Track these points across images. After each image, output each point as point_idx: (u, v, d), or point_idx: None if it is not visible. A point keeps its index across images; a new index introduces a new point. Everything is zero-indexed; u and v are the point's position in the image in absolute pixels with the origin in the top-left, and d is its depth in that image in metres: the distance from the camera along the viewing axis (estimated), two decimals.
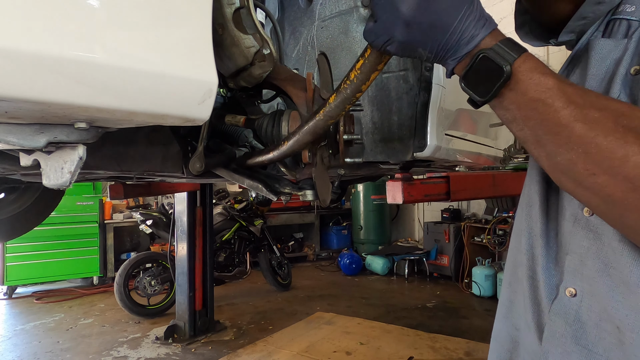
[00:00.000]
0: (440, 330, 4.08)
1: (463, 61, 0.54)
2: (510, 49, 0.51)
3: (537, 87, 0.49)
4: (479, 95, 0.53)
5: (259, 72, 0.88)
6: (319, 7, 1.39)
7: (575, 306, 0.59)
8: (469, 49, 0.53)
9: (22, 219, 2.23)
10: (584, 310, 0.58)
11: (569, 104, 0.48)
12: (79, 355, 3.59)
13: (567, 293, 0.60)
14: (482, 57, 0.52)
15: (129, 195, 2.71)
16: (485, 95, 0.53)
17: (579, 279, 0.59)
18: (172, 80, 0.56)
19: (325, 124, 0.77)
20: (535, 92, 0.49)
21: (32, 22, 0.43)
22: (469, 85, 0.54)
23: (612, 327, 0.55)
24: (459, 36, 0.53)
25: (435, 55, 0.55)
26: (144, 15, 0.52)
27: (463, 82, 0.54)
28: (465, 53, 0.53)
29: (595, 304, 0.57)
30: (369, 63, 0.64)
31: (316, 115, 0.76)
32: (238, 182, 1.08)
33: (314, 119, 0.77)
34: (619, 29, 0.61)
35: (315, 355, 3.54)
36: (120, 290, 4.22)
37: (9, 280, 5.17)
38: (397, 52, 0.58)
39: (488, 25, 0.53)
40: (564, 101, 0.48)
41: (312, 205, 7.26)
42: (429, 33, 0.53)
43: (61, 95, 0.46)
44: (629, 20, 0.60)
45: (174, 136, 1.06)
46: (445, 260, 5.93)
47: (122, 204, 6.25)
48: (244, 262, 5.12)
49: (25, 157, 0.58)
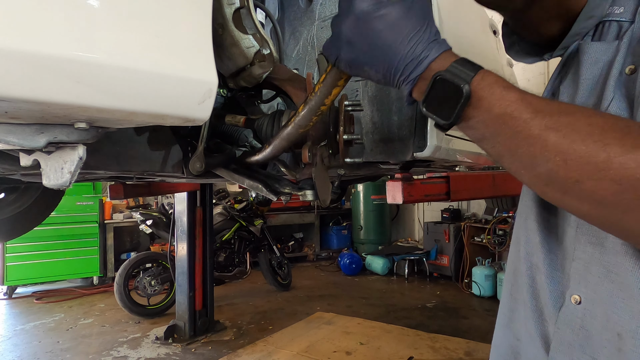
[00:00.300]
0: (440, 330, 4.08)
1: (418, 85, 0.53)
2: (466, 68, 0.50)
3: (500, 101, 0.48)
4: (443, 118, 0.52)
5: (259, 72, 0.88)
6: (319, 7, 1.39)
7: (580, 314, 0.58)
8: (420, 71, 0.52)
9: (22, 219, 2.23)
10: (588, 318, 0.57)
11: (537, 113, 0.46)
12: (79, 355, 3.59)
13: (572, 300, 0.59)
14: (439, 80, 0.51)
15: (129, 195, 2.70)
16: (449, 118, 0.51)
17: (584, 286, 0.58)
18: (172, 80, 0.56)
19: (297, 132, 0.82)
20: (500, 106, 0.48)
21: (32, 22, 0.43)
22: (430, 110, 0.52)
23: (613, 335, 0.54)
24: (406, 58, 0.52)
25: (384, 76, 0.55)
26: (143, 15, 0.53)
27: (424, 108, 0.53)
28: (417, 76, 0.53)
29: (598, 311, 0.56)
30: (330, 78, 0.67)
31: (289, 124, 0.81)
32: (238, 182, 1.08)
33: (287, 127, 0.83)
34: (609, 30, 0.60)
35: (315, 355, 3.54)
36: (120, 290, 4.22)
37: (9, 280, 5.17)
38: (346, 69, 0.59)
39: (438, 47, 0.52)
40: (531, 111, 0.47)
41: (312, 205, 7.26)
42: (370, 53, 0.53)
43: (61, 95, 0.46)
44: (618, 21, 0.59)
45: (174, 136, 1.06)
46: (445, 260, 5.93)
47: (122, 204, 6.24)
48: (244, 262, 5.12)
49: (25, 157, 0.58)
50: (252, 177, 1.08)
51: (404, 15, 0.52)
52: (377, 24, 0.52)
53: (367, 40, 0.53)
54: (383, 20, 0.52)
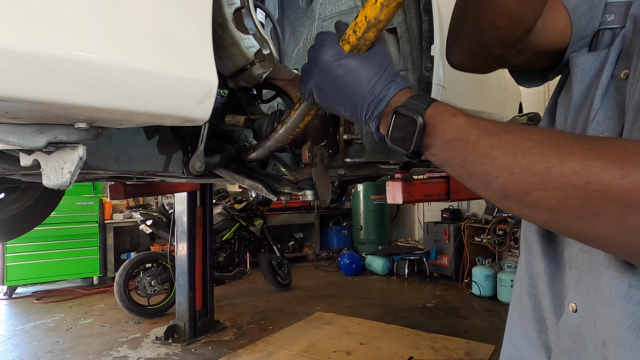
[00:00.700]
0: (440, 330, 4.08)
1: (382, 121, 0.58)
2: (419, 102, 0.55)
3: (451, 127, 0.52)
4: (405, 149, 0.56)
5: (259, 72, 0.88)
6: (319, 7, 1.39)
7: (576, 321, 0.59)
8: (381, 108, 0.58)
9: (22, 219, 2.23)
10: (583, 325, 0.58)
11: (483, 135, 0.50)
12: (79, 355, 3.59)
13: (570, 308, 0.60)
14: (396, 114, 0.56)
15: (129, 195, 2.71)
16: (409, 148, 0.55)
17: (578, 294, 0.59)
18: (172, 80, 0.56)
19: (276, 146, 0.91)
20: (451, 132, 0.52)
21: (31, 22, 0.43)
22: (394, 141, 0.57)
23: (599, 342, 0.54)
24: (367, 98, 0.58)
25: (352, 114, 0.61)
26: (143, 15, 0.53)
27: (389, 141, 0.57)
28: (379, 113, 0.58)
29: (589, 318, 0.57)
30: (304, 108, 0.74)
31: (270, 137, 0.90)
32: (238, 182, 1.09)
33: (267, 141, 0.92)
34: (602, 38, 0.63)
35: (315, 355, 3.54)
36: (120, 290, 4.22)
37: (9, 280, 5.17)
38: (320, 106, 0.65)
39: (396, 86, 0.58)
40: (477, 134, 0.50)
41: (312, 205, 7.26)
42: (337, 96, 0.60)
43: (61, 95, 0.46)
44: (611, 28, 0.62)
45: (174, 136, 1.06)
46: (445, 260, 5.93)
47: (122, 204, 6.24)
48: (244, 262, 5.12)
49: (25, 157, 0.58)
50: (252, 177, 1.08)
51: (362, 63, 0.59)
52: (339, 71, 0.59)
53: (333, 86, 0.60)
54: (343, 68, 0.59)
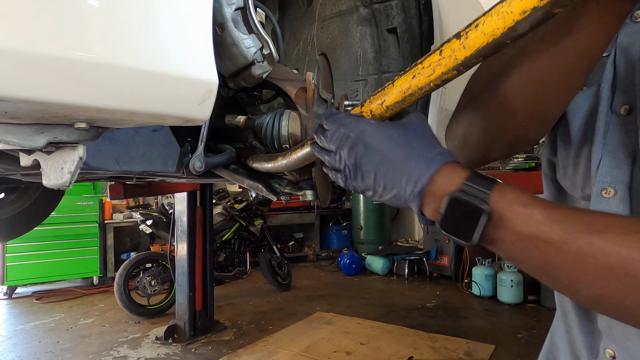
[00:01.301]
0: (440, 330, 4.08)
1: (427, 202, 0.51)
2: (479, 185, 0.47)
3: (525, 222, 0.45)
4: (464, 239, 0.48)
5: (259, 72, 0.88)
6: (319, 7, 1.39)
7: None
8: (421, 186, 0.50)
9: (22, 219, 2.23)
10: None
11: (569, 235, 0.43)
12: (79, 355, 3.59)
13: (607, 354, 0.59)
14: (453, 200, 0.48)
15: (129, 195, 2.71)
16: (469, 238, 0.47)
17: (613, 342, 0.59)
18: (172, 80, 0.56)
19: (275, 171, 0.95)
20: (526, 228, 0.45)
21: (32, 22, 0.43)
22: (449, 231, 0.49)
23: None
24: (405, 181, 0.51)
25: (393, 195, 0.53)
26: (144, 15, 0.53)
27: (442, 229, 0.50)
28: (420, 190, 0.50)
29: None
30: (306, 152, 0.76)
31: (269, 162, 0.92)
32: (238, 182, 1.09)
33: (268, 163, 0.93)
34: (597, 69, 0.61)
35: (315, 355, 3.54)
36: (120, 290, 4.22)
37: (9, 280, 5.17)
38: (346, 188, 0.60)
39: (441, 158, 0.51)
40: (559, 235, 0.43)
41: (312, 205, 7.26)
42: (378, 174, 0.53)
43: (61, 95, 0.46)
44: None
45: (174, 136, 1.06)
46: (445, 260, 5.93)
47: (122, 204, 6.24)
48: (244, 262, 5.12)
49: (25, 157, 0.58)
50: (252, 177, 1.08)
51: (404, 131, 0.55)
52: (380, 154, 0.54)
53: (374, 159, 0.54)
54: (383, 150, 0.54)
